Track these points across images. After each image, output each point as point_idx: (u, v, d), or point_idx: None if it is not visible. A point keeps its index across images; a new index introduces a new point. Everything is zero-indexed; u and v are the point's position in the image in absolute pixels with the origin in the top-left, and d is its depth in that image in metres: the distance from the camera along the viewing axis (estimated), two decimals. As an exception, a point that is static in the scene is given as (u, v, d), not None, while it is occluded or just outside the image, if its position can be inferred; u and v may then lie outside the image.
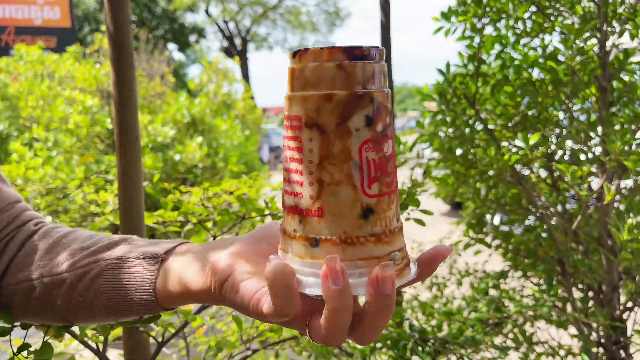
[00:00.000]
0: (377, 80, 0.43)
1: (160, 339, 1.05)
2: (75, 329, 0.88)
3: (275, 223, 0.53)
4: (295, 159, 0.43)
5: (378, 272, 0.40)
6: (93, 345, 0.96)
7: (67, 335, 0.73)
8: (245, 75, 21.16)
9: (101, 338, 1.02)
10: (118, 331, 1.35)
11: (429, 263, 0.46)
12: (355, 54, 0.42)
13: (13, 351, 0.65)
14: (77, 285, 0.57)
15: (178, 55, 21.95)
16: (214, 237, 1.14)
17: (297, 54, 0.43)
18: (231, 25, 22.13)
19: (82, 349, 1.49)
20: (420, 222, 1.10)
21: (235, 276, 0.46)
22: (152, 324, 1.47)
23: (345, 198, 0.42)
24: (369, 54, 0.42)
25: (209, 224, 1.21)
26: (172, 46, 20.07)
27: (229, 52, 21.53)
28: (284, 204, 0.45)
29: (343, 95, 0.41)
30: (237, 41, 22.30)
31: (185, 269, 0.52)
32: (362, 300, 0.44)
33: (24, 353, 0.64)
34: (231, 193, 1.34)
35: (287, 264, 0.42)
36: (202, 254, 0.52)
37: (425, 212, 1.06)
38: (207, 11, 21.28)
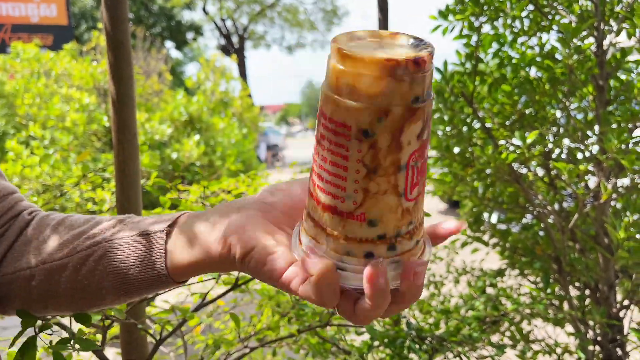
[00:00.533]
0: (429, 88, 0.40)
1: (157, 337, 1.05)
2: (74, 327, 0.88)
3: (280, 190, 0.52)
4: (339, 165, 0.41)
5: (413, 266, 0.44)
6: (91, 343, 0.96)
7: (64, 334, 0.73)
8: (243, 74, 21.14)
9: (99, 336, 1.02)
10: (116, 329, 1.35)
11: (439, 238, 0.49)
12: (417, 65, 0.38)
13: (35, 331, 0.67)
14: (80, 269, 0.57)
15: (175, 53, 21.90)
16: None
17: (347, 57, 0.38)
18: (228, 23, 22.12)
19: (80, 347, 1.48)
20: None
21: (260, 248, 0.47)
22: (149, 322, 1.47)
23: (390, 205, 0.42)
24: (427, 62, 0.39)
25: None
26: (169, 44, 20.03)
27: (226, 50, 21.51)
28: (317, 198, 0.44)
29: (400, 110, 0.39)
30: (235, 39, 22.29)
31: (195, 239, 0.52)
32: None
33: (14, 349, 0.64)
34: (229, 192, 1.34)
35: (331, 263, 0.43)
36: (210, 222, 0.51)
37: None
38: (204, 9, 21.25)
